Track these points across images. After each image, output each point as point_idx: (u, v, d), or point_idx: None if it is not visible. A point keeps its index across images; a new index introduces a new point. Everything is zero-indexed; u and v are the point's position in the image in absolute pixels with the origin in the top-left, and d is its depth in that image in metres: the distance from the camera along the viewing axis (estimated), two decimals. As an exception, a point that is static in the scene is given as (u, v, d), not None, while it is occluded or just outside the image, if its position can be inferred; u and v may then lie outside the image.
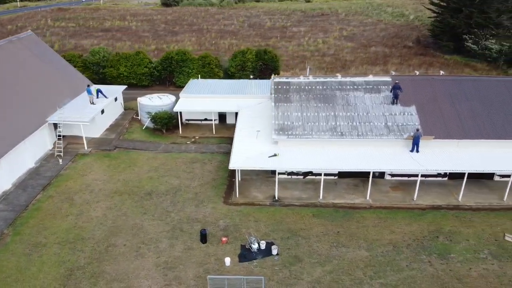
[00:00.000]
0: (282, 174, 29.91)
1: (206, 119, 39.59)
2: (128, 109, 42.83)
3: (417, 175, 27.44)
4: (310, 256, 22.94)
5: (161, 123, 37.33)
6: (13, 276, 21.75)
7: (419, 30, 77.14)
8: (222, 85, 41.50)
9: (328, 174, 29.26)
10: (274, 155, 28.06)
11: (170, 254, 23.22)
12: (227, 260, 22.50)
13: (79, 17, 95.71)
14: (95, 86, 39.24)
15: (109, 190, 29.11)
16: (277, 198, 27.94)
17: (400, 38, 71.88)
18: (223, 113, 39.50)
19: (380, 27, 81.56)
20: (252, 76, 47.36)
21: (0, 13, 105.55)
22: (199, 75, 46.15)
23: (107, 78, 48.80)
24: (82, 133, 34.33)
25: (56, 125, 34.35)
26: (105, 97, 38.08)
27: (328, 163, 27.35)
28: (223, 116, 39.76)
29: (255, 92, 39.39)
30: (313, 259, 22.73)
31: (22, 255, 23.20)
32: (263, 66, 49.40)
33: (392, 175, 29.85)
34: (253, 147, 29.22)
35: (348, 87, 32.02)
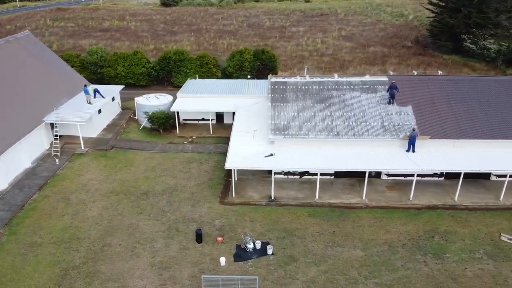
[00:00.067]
0: (278, 174, 29.92)
1: (203, 119, 39.57)
2: (126, 109, 42.84)
3: (413, 175, 27.45)
4: (305, 255, 22.93)
5: (158, 123, 37.31)
6: (8, 276, 21.76)
7: (418, 30, 77.06)
8: (220, 85, 41.49)
9: (324, 174, 29.27)
10: (271, 155, 28.06)
11: (166, 254, 23.21)
12: (222, 260, 22.49)
13: (78, 17, 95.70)
14: (92, 86, 39.26)
15: (105, 190, 29.11)
16: (273, 198, 27.93)
17: (399, 38, 71.81)
18: (220, 113, 39.51)
19: (379, 27, 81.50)
20: (250, 76, 47.35)
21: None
22: (196, 75, 46.15)
23: (105, 78, 48.79)
24: (79, 133, 34.32)
25: (53, 125, 34.35)
26: (102, 97, 38.09)
27: (324, 163, 27.34)
28: (220, 116, 39.77)
29: (252, 92, 39.40)
30: (308, 258, 22.72)
31: (18, 255, 23.21)
32: (261, 66, 49.38)
33: (389, 175, 29.84)
34: (249, 147, 29.22)
35: (345, 87, 32.01)
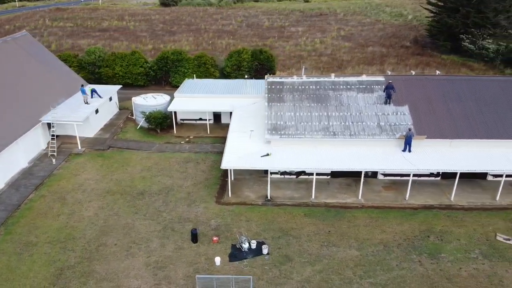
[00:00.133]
0: (275, 173, 29.93)
1: (201, 119, 39.57)
2: (123, 108, 42.84)
3: (409, 175, 27.43)
4: (301, 255, 22.93)
5: (155, 122, 37.32)
6: (4, 275, 21.77)
7: (417, 30, 77.01)
8: (217, 85, 41.49)
9: (321, 173, 29.27)
10: (267, 154, 28.05)
11: (161, 254, 23.21)
12: (217, 260, 22.49)
13: (77, 17, 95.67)
14: (89, 86, 39.28)
15: (102, 190, 29.11)
16: (269, 197, 27.93)
17: (398, 38, 71.78)
18: (218, 113, 39.51)
19: (378, 27, 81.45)
20: (247, 76, 47.34)
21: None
22: (194, 75, 46.14)
23: (102, 78, 48.79)
24: (76, 132, 34.32)
25: (50, 125, 34.34)
26: (99, 97, 38.10)
27: (320, 162, 27.31)
28: (218, 116, 39.77)
29: (250, 92, 39.40)
30: (303, 258, 22.71)
31: (13, 254, 23.22)
32: (259, 66, 49.38)
33: (385, 175, 29.83)
34: (246, 147, 29.20)
35: (341, 87, 31.99)
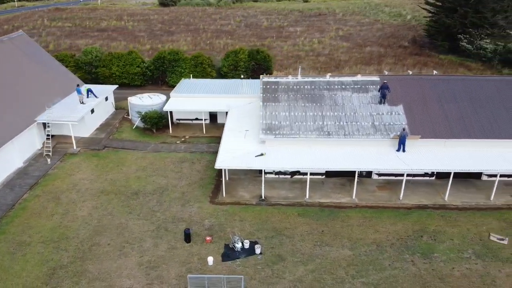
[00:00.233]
0: (269, 173, 29.93)
1: (197, 119, 39.58)
2: (120, 108, 42.86)
3: (403, 175, 27.42)
4: (293, 255, 22.92)
5: (151, 122, 37.30)
6: (-4, 275, 21.82)
7: (415, 30, 76.99)
8: (214, 85, 41.50)
9: (315, 173, 29.25)
10: (261, 154, 28.05)
11: (154, 254, 23.21)
12: (210, 260, 22.48)
13: (75, 17, 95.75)
14: (86, 86, 39.29)
15: (96, 190, 29.12)
16: (263, 197, 27.92)
17: (396, 38, 71.76)
18: (214, 113, 39.50)
19: (376, 27, 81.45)
20: (243, 76, 47.34)
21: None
22: (191, 75, 46.15)
23: (99, 78, 48.82)
24: (71, 132, 34.32)
25: (45, 125, 34.36)
26: (95, 97, 38.11)
27: (315, 162, 27.30)
28: (214, 116, 39.76)
29: (246, 92, 39.39)
30: (296, 258, 22.71)
31: (6, 254, 23.23)
32: (255, 66, 49.37)
33: (379, 175, 29.81)
34: (240, 147, 29.19)
35: (336, 87, 31.99)
